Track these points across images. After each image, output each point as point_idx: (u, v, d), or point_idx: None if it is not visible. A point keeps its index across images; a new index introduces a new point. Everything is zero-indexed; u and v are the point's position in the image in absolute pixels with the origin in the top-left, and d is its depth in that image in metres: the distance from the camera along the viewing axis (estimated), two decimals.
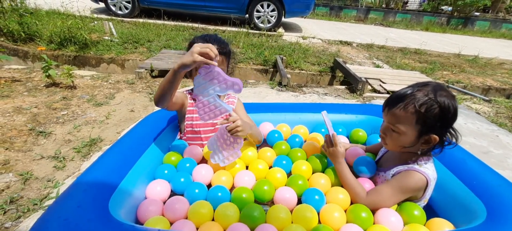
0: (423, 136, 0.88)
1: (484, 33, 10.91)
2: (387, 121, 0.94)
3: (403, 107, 0.86)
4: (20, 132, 2.13)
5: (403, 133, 0.88)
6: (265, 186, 0.98)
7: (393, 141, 0.93)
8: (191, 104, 1.22)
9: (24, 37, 3.85)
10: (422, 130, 0.86)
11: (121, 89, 3.11)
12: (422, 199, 0.95)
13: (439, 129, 0.85)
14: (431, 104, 0.83)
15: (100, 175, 0.92)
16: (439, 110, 0.83)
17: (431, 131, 0.86)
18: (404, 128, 0.88)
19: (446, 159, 1.08)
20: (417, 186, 0.90)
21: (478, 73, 4.88)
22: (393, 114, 0.90)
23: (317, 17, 10.87)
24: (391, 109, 0.90)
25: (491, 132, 2.77)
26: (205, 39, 1.13)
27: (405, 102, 0.86)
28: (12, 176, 1.71)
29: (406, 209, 0.90)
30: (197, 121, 1.22)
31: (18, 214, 1.46)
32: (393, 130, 0.91)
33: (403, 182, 0.91)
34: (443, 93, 0.84)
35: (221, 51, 1.12)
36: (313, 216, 0.84)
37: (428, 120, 0.84)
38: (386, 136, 0.95)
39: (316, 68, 4.22)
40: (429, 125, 0.85)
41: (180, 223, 0.82)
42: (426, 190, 0.92)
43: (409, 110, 0.85)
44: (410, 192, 0.92)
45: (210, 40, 1.12)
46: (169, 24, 5.71)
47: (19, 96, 2.68)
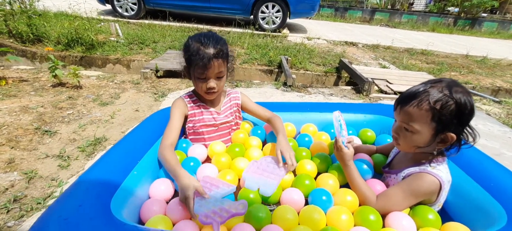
0: (439, 134, 0.83)
1: (492, 34, 10.72)
2: (400, 120, 0.89)
3: (417, 104, 0.82)
4: (26, 131, 2.13)
5: (418, 131, 0.84)
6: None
7: (407, 141, 0.88)
8: (191, 108, 1.19)
9: (32, 39, 3.90)
10: (437, 128, 0.82)
11: (126, 89, 3.11)
12: (436, 203, 0.90)
13: (455, 126, 0.81)
14: (446, 101, 0.79)
15: (102, 174, 0.90)
16: (455, 106, 0.79)
17: (447, 128, 0.81)
18: (418, 126, 0.83)
19: (461, 160, 1.04)
20: (430, 189, 0.86)
21: (487, 74, 4.78)
22: (406, 113, 0.85)
23: (322, 18, 10.81)
24: (404, 107, 0.86)
25: (503, 133, 2.69)
26: (200, 40, 1.05)
27: (419, 99, 0.82)
28: (16, 174, 1.71)
29: (419, 213, 0.86)
30: (199, 123, 1.20)
31: (21, 213, 1.46)
32: (407, 128, 0.86)
33: (415, 185, 0.86)
34: (458, 90, 0.80)
35: (218, 54, 1.04)
36: (321, 217, 0.80)
37: (444, 117, 0.80)
38: (399, 136, 0.90)
39: (321, 69, 4.18)
40: (445, 122, 0.80)
41: (183, 224, 0.80)
42: (439, 194, 0.87)
43: (424, 108, 0.81)
44: (422, 196, 0.87)
45: (206, 41, 1.04)
46: (174, 25, 5.73)
47: (26, 96, 2.70)
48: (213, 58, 1.04)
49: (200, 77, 1.09)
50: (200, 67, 1.04)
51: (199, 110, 1.20)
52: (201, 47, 1.04)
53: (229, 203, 0.84)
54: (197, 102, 1.21)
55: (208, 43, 1.04)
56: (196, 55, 1.03)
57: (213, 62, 1.04)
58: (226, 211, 0.80)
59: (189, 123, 1.20)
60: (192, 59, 1.05)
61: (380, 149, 1.20)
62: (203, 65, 1.04)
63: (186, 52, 1.08)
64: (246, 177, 1.00)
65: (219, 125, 1.24)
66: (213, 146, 1.19)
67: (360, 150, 1.20)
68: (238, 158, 1.10)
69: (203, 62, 1.03)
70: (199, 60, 1.03)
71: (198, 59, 1.03)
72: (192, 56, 1.04)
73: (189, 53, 1.06)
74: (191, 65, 1.08)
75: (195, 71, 1.08)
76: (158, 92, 3.05)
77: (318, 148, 1.20)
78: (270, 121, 1.27)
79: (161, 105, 2.75)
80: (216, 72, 1.08)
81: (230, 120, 1.27)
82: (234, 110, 1.29)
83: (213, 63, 1.04)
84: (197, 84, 1.13)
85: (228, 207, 0.82)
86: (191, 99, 1.21)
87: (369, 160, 1.11)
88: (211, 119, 1.22)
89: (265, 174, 1.00)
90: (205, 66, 1.04)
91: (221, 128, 1.25)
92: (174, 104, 1.19)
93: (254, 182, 0.97)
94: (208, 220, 0.77)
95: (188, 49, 1.07)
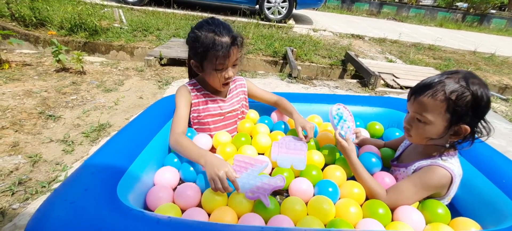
0: (452, 126, 0.81)
1: (500, 31, 10.53)
2: (413, 110, 0.87)
3: (432, 94, 0.80)
4: (30, 115, 2.13)
5: (431, 122, 0.82)
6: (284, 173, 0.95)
7: (419, 132, 0.86)
8: (195, 97, 1.15)
9: (35, 22, 3.86)
10: (452, 119, 0.80)
11: (130, 76, 3.09)
12: (446, 197, 0.88)
13: (470, 118, 0.79)
14: (462, 92, 0.77)
15: (109, 158, 0.89)
16: (471, 98, 0.76)
17: (462, 120, 0.79)
18: (432, 117, 0.81)
19: (471, 156, 1.02)
20: (441, 182, 0.84)
21: (495, 71, 4.70)
22: (420, 103, 0.83)
23: (329, 9, 10.65)
24: (418, 97, 0.83)
25: (510, 131, 2.66)
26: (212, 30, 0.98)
27: (434, 89, 0.80)
28: (21, 158, 1.71)
29: (429, 207, 0.84)
30: (204, 112, 1.17)
31: (26, 195, 1.46)
32: (420, 119, 0.84)
33: (426, 178, 0.85)
34: (475, 81, 0.78)
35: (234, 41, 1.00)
36: (330, 208, 0.79)
37: (459, 108, 0.77)
38: (412, 127, 0.88)
39: (326, 61, 4.13)
40: (460, 113, 0.78)
41: (192, 211, 0.79)
42: (450, 187, 0.86)
43: (439, 98, 0.79)
44: (433, 189, 0.86)
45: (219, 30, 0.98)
46: (179, 13, 5.66)
47: (30, 80, 2.68)
48: (231, 46, 0.99)
49: (218, 69, 1.03)
50: (220, 57, 0.99)
51: (203, 100, 1.16)
52: (216, 37, 0.98)
53: (268, 178, 0.88)
54: (202, 90, 1.17)
55: (221, 31, 0.99)
56: (213, 46, 0.97)
57: (232, 51, 1.00)
58: (267, 185, 0.85)
59: (193, 112, 1.17)
60: (209, 51, 0.98)
61: (388, 144, 1.18)
62: (223, 55, 0.98)
63: (198, 45, 0.99)
64: (278, 158, 1.01)
65: (226, 113, 1.21)
66: (219, 135, 1.16)
67: (367, 142, 1.18)
68: (245, 145, 1.08)
69: (223, 53, 0.98)
70: (219, 51, 0.97)
71: (217, 50, 0.97)
72: (209, 48, 0.98)
73: (203, 45, 0.98)
74: (206, 58, 1.02)
75: (214, 64, 1.02)
76: (162, 80, 3.02)
77: (324, 139, 1.19)
78: (278, 103, 1.27)
79: (165, 93, 2.74)
80: (234, 60, 1.05)
81: (237, 108, 1.24)
82: (241, 97, 1.26)
83: (232, 52, 1.00)
84: (214, 77, 1.06)
85: (268, 182, 0.86)
86: (195, 87, 1.17)
87: (377, 152, 1.09)
88: (217, 108, 1.18)
89: (290, 152, 1.04)
90: (225, 56, 0.99)
91: (227, 117, 1.22)
92: (178, 92, 1.15)
93: (286, 161, 1.00)
94: (254, 195, 0.81)
95: (200, 42, 0.99)
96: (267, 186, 0.84)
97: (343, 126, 1.09)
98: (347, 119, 1.12)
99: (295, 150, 1.05)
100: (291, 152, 1.04)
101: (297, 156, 1.02)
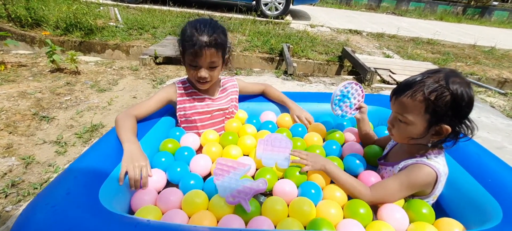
0: (433, 126, 0.80)
1: (502, 24, 10.43)
2: (395, 110, 0.87)
3: (411, 95, 0.79)
4: (24, 116, 2.13)
5: (412, 122, 0.82)
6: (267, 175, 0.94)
7: (401, 132, 0.86)
8: (180, 95, 1.16)
9: (31, 23, 3.86)
10: (431, 120, 0.79)
11: (125, 75, 3.09)
12: (431, 195, 0.88)
13: (450, 118, 0.78)
14: (441, 92, 0.75)
15: (93, 162, 0.89)
16: (450, 98, 0.75)
17: (442, 120, 0.78)
18: (412, 117, 0.81)
19: (458, 154, 1.01)
20: (427, 180, 0.84)
21: (494, 65, 4.67)
22: (400, 103, 0.83)
23: (327, 5, 10.57)
24: (398, 97, 0.83)
25: (507, 126, 2.64)
26: (195, 26, 1.01)
27: (413, 90, 0.79)
28: (14, 160, 1.72)
29: (413, 207, 0.84)
30: (190, 110, 1.17)
31: (18, 197, 1.47)
32: (401, 120, 0.84)
33: (411, 176, 0.84)
34: (456, 80, 0.76)
35: (211, 43, 1.00)
36: (311, 209, 0.79)
37: (438, 109, 0.76)
38: (394, 127, 0.88)
39: (323, 57, 4.11)
40: (439, 114, 0.77)
41: (172, 213, 0.79)
42: (435, 186, 0.85)
43: (418, 98, 0.78)
44: (418, 187, 0.86)
45: (201, 28, 1.00)
46: (175, 10, 5.64)
47: (24, 81, 2.69)
48: (205, 47, 1.00)
49: (191, 64, 1.06)
50: (191, 54, 1.02)
51: (189, 98, 1.17)
52: (195, 34, 1.00)
53: (250, 182, 0.87)
54: (189, 89, 1.19)
55: (203, 30, 1.00)
56: (189, 41, 1.00)
57: (205, 51, 1.01)
58: (249, 189, 0.84)
59: (179, 110, 1.18)
60: (185, 44, 1.02)
61: (377, 142, 1.18)
62: (194, 52, 1.01)
63: (181, 37, 1.05)
64: (262, 156, 1.01)
65: (213, 112, 1.21)
66: (206, 133, 1.16)
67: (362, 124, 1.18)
68: (231, 146, 1.08)
69: (194, 50, 1.00)
70: (191, 47, 1.00)
71: (190, 45, 1.00)
72: (185, 41, 1.02)
73: (183, 38, 1.04)
74: (184, 52, 1.06)
75: (187, 58, 1.05)
76: (157, 79, 3.02)
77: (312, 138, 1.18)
78: (266, 92, 1.35)
79: None
80: (208, 62, 1.05)
81: (225, 107, 1.25)
82: (231, 98, 1.27)
83: (204, 52, 1.01)
84: (189, 71, 1.11)
85: (249, 185, 0.85)
86: (183, 85, 1.19)
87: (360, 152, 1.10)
88: (204, 106, 1.19)
89: (275, 150, 1.03)
90: (196, 54, 1.01)
91: (214, 115, 1.23)
92: (163, 88, 1.19)
93: (270, 159, 0.99)
94: (235, 199, 0.80)
95: (183, 34, 1.04)
96: (249, 190, 0.83)
97: (343, 105, 1.14)
98: (352, 96, 1.15)
99: (280, 148, 1.04)
100: (276, 149, 1.04)
101: (281, 154, 1.01)
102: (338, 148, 1.14)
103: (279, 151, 1.02)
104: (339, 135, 1.21)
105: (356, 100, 1.16)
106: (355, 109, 1.17)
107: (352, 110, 1.17)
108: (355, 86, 1.15)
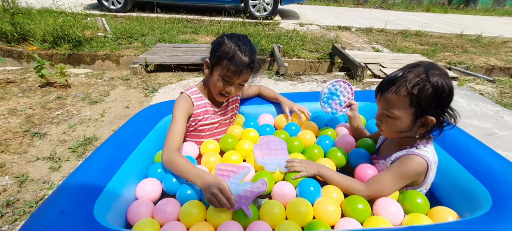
0: (419, 118, 0.84)
1: (487, 12, 10.65)
2: (381, 107, 0.90)
3: (395, 91, 0.82)
4: (15, 134, 2.10)
5: (398, 117, 0.85)
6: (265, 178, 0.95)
7: (389, 127, 0.89)
8: (196, 107, 1.13)
9: (17, 38, 3.80)
10: (417, 113, 0.82)
11: (116, 86, 3.06)
12: (424, 184, 0.91)
13: (434, 109, 0.81)
14: (423, 85, 0.79)
15: (86, 177, 0.88)
16: (432, 90, 0.79)
17: (426, 112, 0.82)
18: (398, 112, 0.84)
19: (448, 144, 1.03)
20: (418, 170, 0.87)
21: (481, 53, 4.77)
22: (386, 99, 0.86)
23: (315, 2, 10.64)
24: (383, 94, 0.86)
25: (496, 113, 2.70)
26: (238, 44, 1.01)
27: (396, 86, 0.82)
28: (8, 179, 1.69)
29: (408, 197, 0.87)
30: (202, 121, 1.16)
31: (14, 217, 1.45)
32: (388, 115, 0.87)
33: (403, 168, 0.87)
34: (435, 73, 0.79)
35: (251, 65, 1.03)
36: (308, 210, 0.80)
37: (422, 102, 0.80)
38: (382, 122, 0.91)
39: (314, 55, 4.14)
40: (423, 106, 0.81)
41: (170, 225, 0.79)
42: (427, 174, 0.88)
43: (402, 93, 0.81)
44: (411, 177, 0.88)
45: (244, 47, 1.01)
46: (163, 17, 5.61)
47: (14, 98, 2.65)
48: (247, 68, 1.02)
49: (224, 79, 1.04)
50: (232, 71, 1.01)
51: (204, 109, 1.16)
52: (238, 52, 1.00)
53: (250, 185, 0.87)
54: (202, 100, 1.16)
55: (245, 50, 1.01)
56: (231, 59, 1.00)
57: (245, 71, 1.02)
58: (249, 192, 0.84)
59: (192, 122, 1.15)
60: (224, 60, 1.01)
61: (370, 137, 1.20)
62: (235, 71, 1.01)
63: (219, 49, 1.02)
64: (264, 162, 1.00)
65: (221, 121, 1.23)
66: (207, 143, 1.15)
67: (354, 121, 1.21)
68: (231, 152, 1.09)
69: (237, 68, 1.00)
70: (233, 65, 1.00)
71: (232, 63, 1.00)
72: (227, 57, 1.00)
73: (224, 53, 1.01)
74: (219, 64, 1.03)
75: (224, 73, 1.03)
76: (149, 88, 3.00)
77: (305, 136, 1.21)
78: (261, 92, 1.37)
79: (152, 101, 2.72)
80: (242, 81, 1.06)
81: (230, 115, 1.27)
82: (232, 107, 1.28)
83: (244, 72, 1.02)
84: (216, 83, 1.07)
85: (250, 188, 0.85)
86: (197, 95, 1.15)
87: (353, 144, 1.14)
88: (214, 116, 1.20)
89: (273, 153, 1.04)
90: (237, 73, 1.02)
91: (222, 124, 1.24)
92: (178, 103, 1.09)
93: (273, 164, 0.99)
94: (237, 205, 0.80)
95: (222, 47, 1.02)
96: (249, 193, 0.84)
97: (332, 102, 1.17)
98: (341, 94, 1.18)
99: (277, 150, 1.05)
100: (274, 153, 1.04)
101: (281, 157, 1.03)
102: (331, 142, 1.17)
103: (278, 154, 1.03)
104: (331, 132, 1.24)
105: (346, 98, 1.19)
106: (345, 106, 1.20)
107: (342, 107, 1.20)
108: (343, 84, 1.18)
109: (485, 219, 0.71)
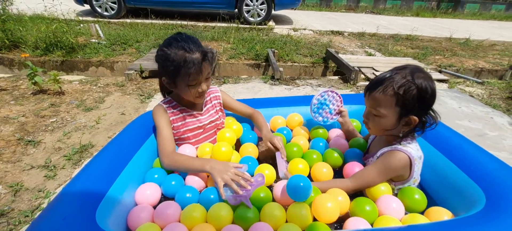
0: (403, 117, 0.89)
1: (474, 16, 10.97)
2: (369, 105, 0.96)
3: (383, 90, 0.88)
4: (8, 142, 2.07)
5: (384, 115, 0.90)
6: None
7: (375, 125, 0.95)
8: (171, 114, 1.14)
9: (8, 45, 3.74)
10: (401, 112, 0.88)
11: (111, 92, 3.04)
12: (410, 178, 0.95)
13: (418, 110, 0.87)
14: (409, 86, 0.84)
15: (87, 183, 0.88)
16: (417, 91, 0.84)
17: (410, 112, 0.88)
18: (384, 111, 0.90)
19: (442, 144, 1.07)
20: (400, 164, 0.92)
21: (470, 56, 4.90)
22: (373, 98, 0.92)
23: (308, 8, 10.78)
24: (371, 93, 0.92)
25: (486, 114, 2.78)
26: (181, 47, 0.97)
27: (384, 86, 0.88)
28: (1, 188, 1.66)
29: (407, 194, 0.91)
30: (183, 128, 1.16)
31: (9, 227, 1.42)
32: (375, 113, 0.93)
33: (386, 162, 0.93)
34: (420, 75, 0.86)
35: (205, 57, 1.00)
36: (307, 213, 0.81)
37: (407, 102, 0.86)
38: (369, 120, 0.97)
39: (308, 60, 4.19)
40: (408, 106, 0.86)
41: (172, 227, 0.79)
42: (412, 168, 0.93)
43: (389, 93, 0.87)
44: (393, 171, 0.93)
45: (188, 46, 0.97)
46: (157, 23, 5.61)
47: (6, 106, 2.60)
48: (202, 62, 1.00)
49: (190, 85, 1.03)
50: (193, 74, 0.99)
51: (180, 115, 1.15)
52: (187, 55, 0.97)
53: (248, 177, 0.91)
54: (177, 107, 1.16)
55: (191, 48, 0.98)
56: (185, 64, 0.97)
57: (204, 66, 1.01)
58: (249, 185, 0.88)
59: (173, 130, 1.15)
60: (181, 69, 0.98)
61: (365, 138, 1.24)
62: (196, 71, 0.99)
63: (169, 64, 0.99)
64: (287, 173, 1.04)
65: (205, 126, 1.21)
66: (203, 147, 1.15)
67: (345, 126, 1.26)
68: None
69: (195, 69, 0.98)
70: (190, 68, 0.98)
71: (189, 67, 0.98)
72: (180, 66, 0.97)
73: (174, 64, 0.98)
74: (178, 76, 1.02)
75: (186, 80, 1.02)
76: (144, 94, 2.99)
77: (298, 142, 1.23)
78: (253, 117, 1.29)
79: (147, 107, 2.71)
80: (206, 75, 1.05)
81: (215, 119, 1.25)
82: (217, 109, 1.27)
83: (204, 67, 1.01)
84: (186, 92, 1.06)
85: None
86: (170, 105, 1.15)
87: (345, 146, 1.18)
88: (196, 122, 1.18)
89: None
90: (198, 72, 1.00)
91: (207, 128, 1.22)
92: (156, 113, 1.12)
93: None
94: (237, 199, 0.85)
95: (170, 60, 0.98)
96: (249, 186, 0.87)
97: (323, 112, 1.22)
98: (330, 103, 1.22)
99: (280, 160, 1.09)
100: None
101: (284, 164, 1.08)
102: (324, 144, 1.21)
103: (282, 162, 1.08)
104: (322, 131, 1.29)
105: (335, 106, 1.25)
106: (336, 114, 1.25)
107: (333, 115, 1.25)
108: (332, 94, 1.24)
109: (480, 216, 0.73)
